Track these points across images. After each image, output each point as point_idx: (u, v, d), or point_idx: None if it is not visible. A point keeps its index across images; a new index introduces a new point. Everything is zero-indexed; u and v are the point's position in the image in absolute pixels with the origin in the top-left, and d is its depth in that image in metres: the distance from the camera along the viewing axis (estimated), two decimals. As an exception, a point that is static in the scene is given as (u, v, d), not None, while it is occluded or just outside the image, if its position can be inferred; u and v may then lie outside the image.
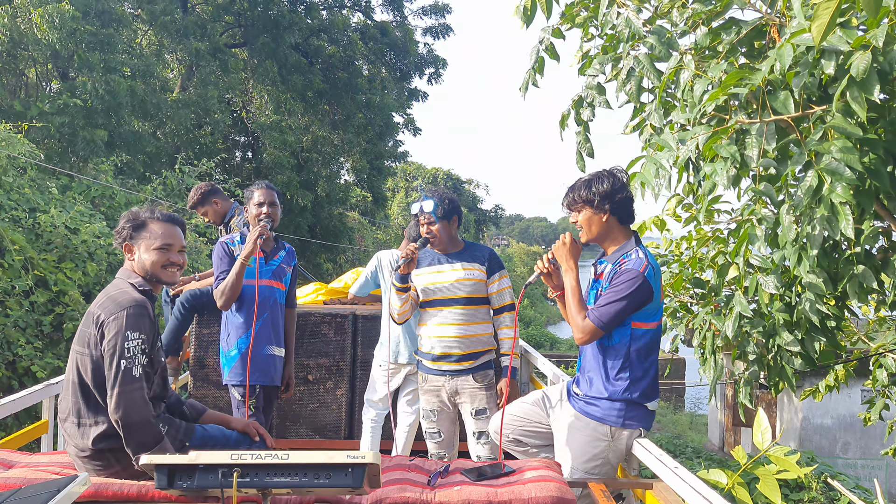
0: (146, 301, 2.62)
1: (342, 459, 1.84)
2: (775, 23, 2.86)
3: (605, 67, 3.50)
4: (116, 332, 2.49)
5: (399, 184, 42.80)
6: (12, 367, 7.30)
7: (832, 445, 13.02)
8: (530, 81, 3.62)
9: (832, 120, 2.44)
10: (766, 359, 3.68)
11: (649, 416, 3.01)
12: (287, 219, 20.16)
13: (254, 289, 3.81)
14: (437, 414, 3.90)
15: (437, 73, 24.39)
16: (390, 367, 4.42)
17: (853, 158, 2.37)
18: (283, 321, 4.04)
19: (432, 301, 3.81)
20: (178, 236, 2.79)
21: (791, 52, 2.32)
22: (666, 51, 3.03)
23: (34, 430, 3.41)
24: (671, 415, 20.85)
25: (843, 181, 2.39)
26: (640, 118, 3.52)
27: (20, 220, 8.15)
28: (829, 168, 2.42)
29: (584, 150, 3.58)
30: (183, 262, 2.79)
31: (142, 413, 2.47)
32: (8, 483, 2.37)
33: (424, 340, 3.86)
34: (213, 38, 18.79)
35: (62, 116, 13.36)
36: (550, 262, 3.13)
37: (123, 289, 2.64)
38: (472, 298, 3.80)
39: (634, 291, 2.84)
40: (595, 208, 2.98)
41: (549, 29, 3.51)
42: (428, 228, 3.79)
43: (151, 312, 2.62)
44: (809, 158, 2.52)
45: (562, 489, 2.44)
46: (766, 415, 2.49)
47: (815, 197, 2.49)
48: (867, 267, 2.98)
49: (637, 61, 3.09)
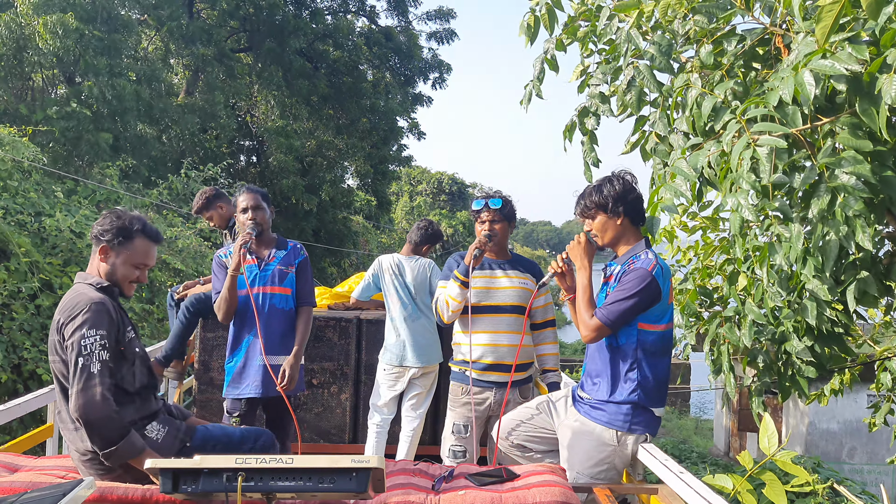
0: (105, 298, 2.62)
1: (346, 464, 1.84)
2: (780, 33, 2.86)
3: (606, 78, 3.52)
4: (73, 332, 2.52)
5: (403, 188, 42.83)
6: (18, 371, 7.31)
7: (838, 451, 12.95)
8: (533, 92, 3.64)
9: (840, 134, 2.44)
10: (776, 366, 3.66)
11: (655, 422, 2.99)
12: (291, 223, 20.20)
13: (248, 298, 3.69)
14: (468, 430, 3.66)
15: (442, 77, 24.44)
16: (395, 372, 4.43)
17: (864, 171, 2.36)
18: (288, 325, 3.78)
19: (484, 307, 3.64)
20: (155, 255, 2.83)
21: (811, 80, 2.31)
22: (666, 61, 3.04)
23: (39, 434, 3.41)
24: (676, 419, 20.77)
25: (856, 194, 2.39)
26: (640, 133, 3.52)
27: (26, 223, 8.19)
28: (842, 182, 2.42)
29: (590, 159, 3.58)
30: (145, 281, 2.85)
31: (100, 410, 2.45)
32: (13, 487, 2.38)
33: (471, 349, 3.60)
34: (219, 44, 18.87)
35: (68, 121, 13.41)
36: (565, 261, 3.12)
37: (81, 291, 2.65)
38: (522, 308, 3.66)
39: (642, 290, 2.84)
40: (609, 212, 2.98)
41: (552, 40, 3.54)
42: (490, 226, 3.66)
43: (112, 307, 2.62)
44: (821, 170, 2.52)
45: (566, 494, 2.43)
46: (772, 420, 2.48)
47: (829, 210, 2.49)
48: (871, 272, 2.97)
49: (638, 71, 3.10)
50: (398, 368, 4.42)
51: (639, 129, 3.51)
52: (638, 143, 3.55)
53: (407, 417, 4.49)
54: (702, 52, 2.99)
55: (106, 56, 14.31)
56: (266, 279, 3.76)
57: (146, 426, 2.67)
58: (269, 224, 3.83)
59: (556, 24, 3.47)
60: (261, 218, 3.76)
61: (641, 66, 3.10)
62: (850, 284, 2.97)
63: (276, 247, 3.85)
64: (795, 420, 13.35)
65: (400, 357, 4.40)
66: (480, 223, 3.71)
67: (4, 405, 3.23)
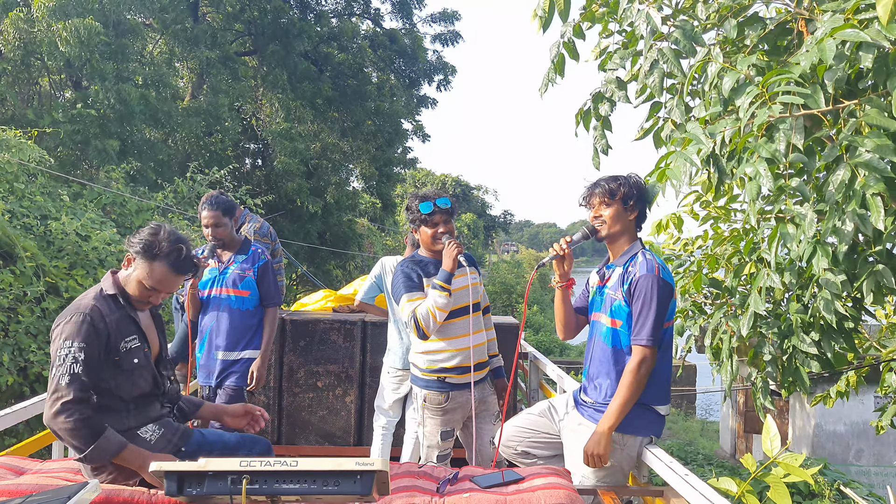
0: (95, 307, 2.57)
1: (351, 466, 1.84)
2: (803, 16, 2.83)
3: (625, 63, 3.47)
4: (55, 340, 2.53)
5: (408, 190, 42.85)
6: (24, 374, 7.33)
7: (845, 452, 12.89)
8: (549, 80, 3.58)
9: (865, 113, 2.41)
10: (780, 361, 3.63)
11: (660, 422, 2.99)
12: (297, 225, 20.22)
13: (209, 299, 4.20)
14: (452, 434, 3.64)
15: (446, 79, 24.42)
16: (399, 374, 4.42)
17: (889, 150, 2.33)
18: (244, 323, 4.18)
19: (455, 311, 3.50)
20: (174, 285, 2.71)
21: (833, 47, 2.28)
22: (691, 45, 3.00)
23: (45, 437, 3.42)
24: (682, 421, 20.70)
25: (878, 173, 2.36)
26: (654, 120, 3.49)
27: (32, 227, 8.22)
28: (863, 160, 2.38)
29: (600, 145, 3.55)
30: (158, 303, 2.75)
31: (67, 417, 2.42)
32: (19, 490, 2.38)
33: (447, 355, 3.53)
34: (224, 47, 18.90)
35: (74, 125, 13.46)
36: (569, 244, 3.08)
37: (85, 296, 2.64)
38: (479, 304, 3.68)
39: (659, 294, 2.85)
40: (625, 206, 2.99)
41: (569, 26, 3.47)
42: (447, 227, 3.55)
43: (103, 318, 2.56)
44: (840, 153, 2.48)
45: (571, 496, 2.42)
46: (778, 421, 2.47)
47: (848, 191, 2.45)
48: (888, 266, 2.93)
49: (662, 54, 3.06)
50: (402, 371, 4.41)
51: (653, 115, 3.49)
52: (651, 129, 3.52)
53: (410, 420, 4.49)
54: (726, 25, 2.96)
55: (112, 60, 14.36)
56: (224, 282, 4.20)
57: (140, 428, 2.67)
58: (230, 235, 4.22)
59: (569, 9, 3.37)
60: (222, 234, 4.18)
61: (665, 48, 3.05)
62: (866, 278, 2.93)
63: (238, 251, 4.25)
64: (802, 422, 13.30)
65: (404, 360, 4.40)
66: (432, 226, 3.52)
67: (10, 408, 3.24)
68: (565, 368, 4.87)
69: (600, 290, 3.10)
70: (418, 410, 3.66)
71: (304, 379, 4.98)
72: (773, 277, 3.20)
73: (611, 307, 2.99)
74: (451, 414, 3.59)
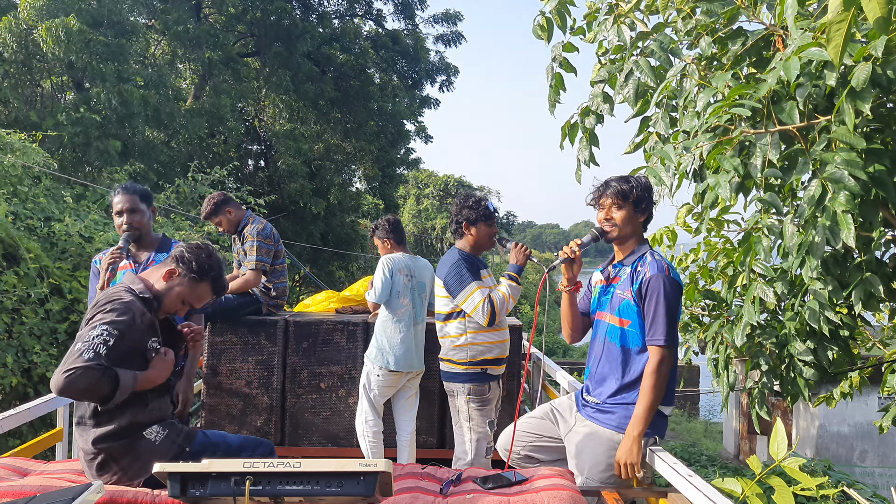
0: (139, 305, 2.61)
1: (354, 467, 1.84)
2: (780, 34, 2.86)
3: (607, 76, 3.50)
4: (87, 321, 2.54)
5: (410, 191, 42.85)
6: (28, 375, 7.34)
7: (849, 453, 12.88)
8: (554, 101, 3.65)
9: (836, 130, 2.44)
10: (779, 369, 3.65)
11: (663, 422, 2.98)
12: (300, 227, 20.23)
13: None
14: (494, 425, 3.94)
15: (449, 80, 24.41)
16: (392, 375, 4.37)
17: (857, 167, 2.36)
18: None
19: None
20: (206, 299, 2.85)
21: (797, 66, 2.33)
22: (667, 58, 3.05)
23: (49, 438, 3.43)
24: (686, 423, 20.68)
25: (846, 190, 2.38)
26: (645, 134, 3.51)
27: (35, 228, 8.23)
28: (833, 177, 2.41)
29: (583, 157, 3.54)
30: (182, 314, 2.88)
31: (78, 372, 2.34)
32: (23, 491, 2.39)
33: (489, 346, 3.86)
34: (226, 48, 18.92)
35: (77, 126, 13.47)
36: (580, 247, 3.06)
37: (117, 291, 2.66)
38: None
39: (670, 293, 2.85)
40: (637, 209, 3.00)
41: (559, 46, 3.53)
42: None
43: (143, 314, 2.61)
44: (814, 168, 2.52)
45: (575, 498, 2.42)
46: (782, 422, 2.47)
47: (818, 206, 2.48)
48: (876, 274, 2.96)
49: (636, 64, 3.12)
50: (395, 374, 4.37)
51: (643, 129, 3.50)
52: (642, 143, 3.54)
53: (403, 421, 4.47)
54: (701, 43, 2.99)
55: (113, 61, 14.37)
56: None
57: (146, 428, 2.67)
58: (147, 226, 3.62)
59: (566, 24, 3.45)
60: (137, 222, 3.55)
61: (640, 59, 3.12)
62: (855, 287, 2.95)
63: (157, 249, 3.66)
64: (806, 423, 13.28)
65: (407, 362, 4.36)
66: (492, 225, 3.95)
67: (15, 409, 3.24)
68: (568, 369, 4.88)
69: (606, 290, 3.10)
70: (460, 407, 3.86)
71: (307, 380, 4.98)
72: (764, 289, 3.26)
73: (619, 306, 2.99)
74: (491, 404, 3.87)
